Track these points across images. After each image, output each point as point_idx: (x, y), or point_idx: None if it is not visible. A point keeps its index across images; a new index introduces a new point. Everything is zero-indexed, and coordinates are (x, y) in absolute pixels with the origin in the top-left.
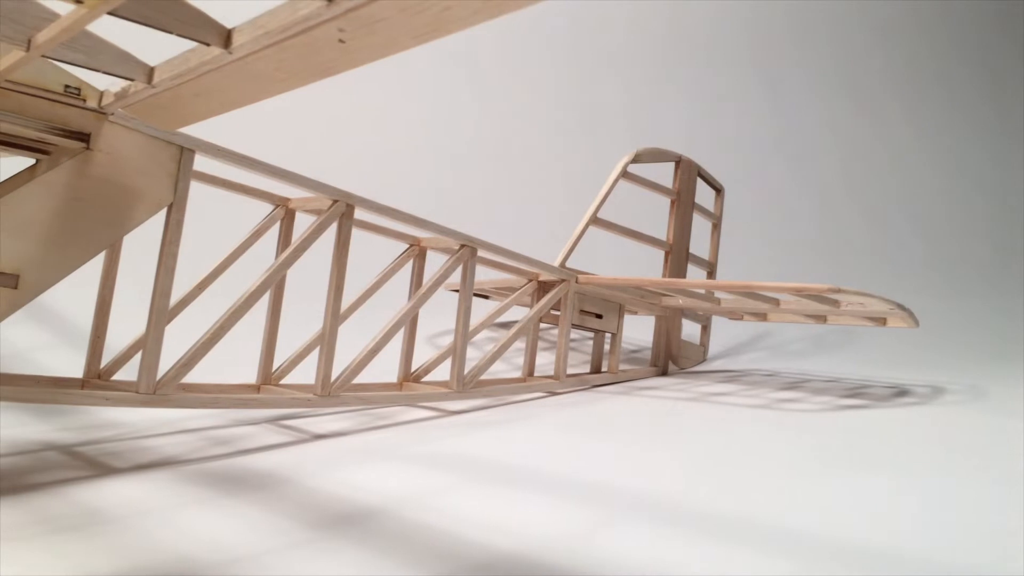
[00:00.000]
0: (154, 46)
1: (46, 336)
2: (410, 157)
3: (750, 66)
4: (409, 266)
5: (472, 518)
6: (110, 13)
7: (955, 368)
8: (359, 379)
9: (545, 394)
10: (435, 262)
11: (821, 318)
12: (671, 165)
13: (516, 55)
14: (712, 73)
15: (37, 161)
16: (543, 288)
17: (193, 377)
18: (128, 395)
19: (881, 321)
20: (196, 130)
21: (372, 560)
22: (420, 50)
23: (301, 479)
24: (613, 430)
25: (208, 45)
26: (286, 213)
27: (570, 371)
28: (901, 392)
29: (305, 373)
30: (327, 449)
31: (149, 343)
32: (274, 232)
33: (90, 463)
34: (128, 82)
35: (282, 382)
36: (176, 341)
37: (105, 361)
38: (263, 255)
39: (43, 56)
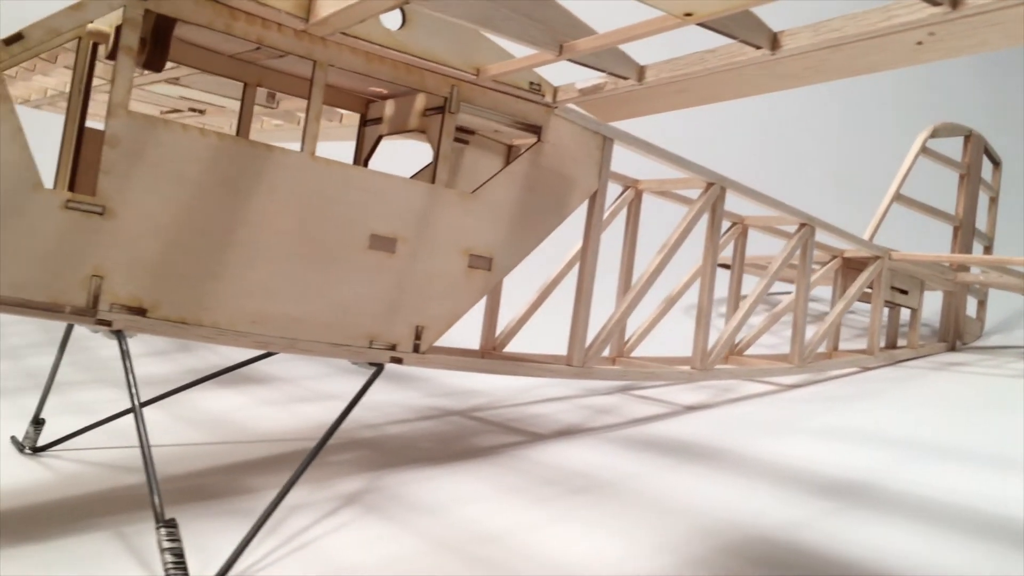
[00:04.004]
0: None
1: None
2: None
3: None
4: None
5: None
6: (700, 24)
7: None
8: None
9: (858, 369)
10: (754, 240)
11: None
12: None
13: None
14: None
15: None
16: (847, 265)
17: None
18: (562, 367)
19: None
20: None
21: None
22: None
23: (734, 448)
24: (1005, 406)
25: (758, 48)
26: (635, 195)
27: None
28: None
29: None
30: (714, 420)
31: (579, 320)
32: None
33: (505, 428)
34: (606, 79)
35: (633, 354)
36: (546, 317)
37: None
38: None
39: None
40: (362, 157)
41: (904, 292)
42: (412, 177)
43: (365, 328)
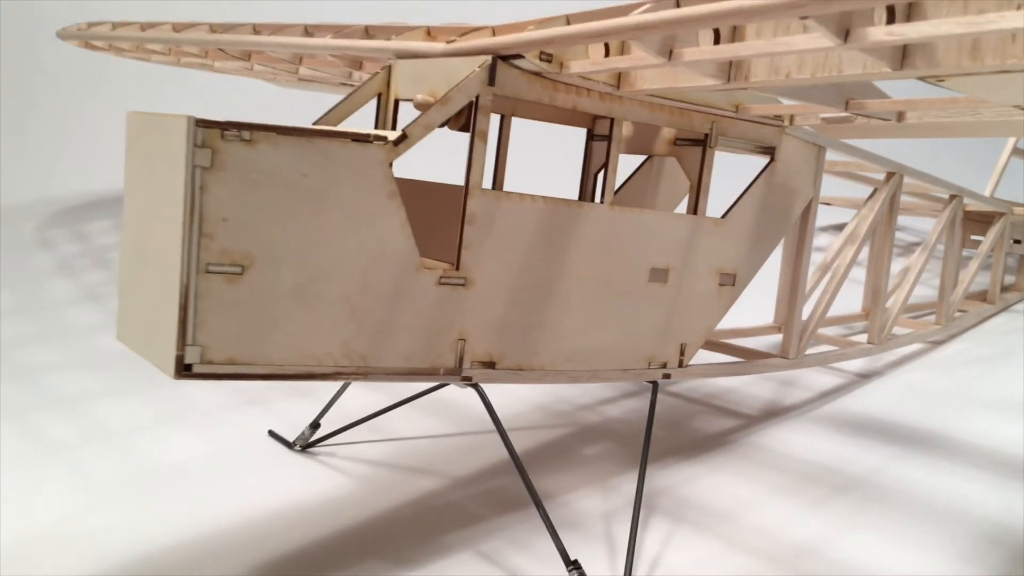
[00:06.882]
0: None
1: None
2: None
3: None
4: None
5: None
6: None
7: None
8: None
9: (981, 320)
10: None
11: None
12: None
13: None
14: None
15: (649, 157)
16: (967, 218)
17: None
18: (781, 361)
19: None
20: None
21: None
22: None
23: (939, 430)
24: None
25: None
26: None
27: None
28: None
29: None
30: (892, 391)
31: (793, 317)
32: None
33: (711, 407)
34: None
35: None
36: None
37: None
38: None
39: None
40: (590, 172)
41: (1019, 242)
42: (618, 190)
43: (645, 352)
